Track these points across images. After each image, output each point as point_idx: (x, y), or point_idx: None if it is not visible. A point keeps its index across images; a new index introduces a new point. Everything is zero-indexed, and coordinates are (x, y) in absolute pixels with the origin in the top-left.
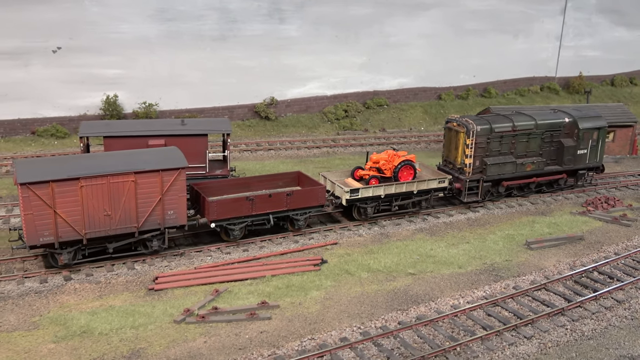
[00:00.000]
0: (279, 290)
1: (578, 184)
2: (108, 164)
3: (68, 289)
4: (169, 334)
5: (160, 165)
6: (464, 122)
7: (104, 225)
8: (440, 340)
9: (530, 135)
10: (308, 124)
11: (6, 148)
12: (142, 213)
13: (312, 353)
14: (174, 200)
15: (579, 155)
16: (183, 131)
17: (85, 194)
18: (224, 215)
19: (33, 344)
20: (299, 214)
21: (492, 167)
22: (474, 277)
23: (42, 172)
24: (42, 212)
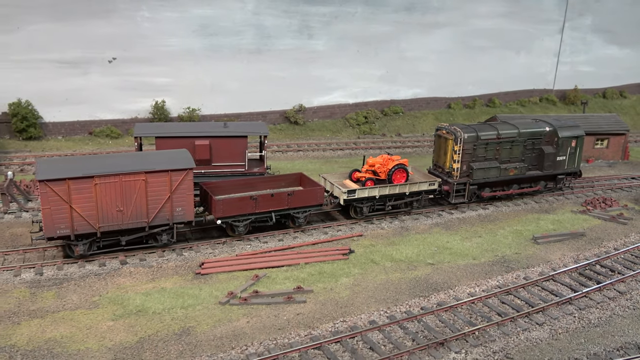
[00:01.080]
0: (312, 277)
1: (557, 187)
2: (121, 163)
3: (124, 272)
4: (215, 314)
5: (169, 166)
6: (452, 130)
7: (117, 220)
8: (460, 325)
9: (513, 142)
10: (332, 129)
11: (67, 146)
12: (152, 209)
13: (345, 334)
14: (182, 197)
15: (558, 162)
16: (225, 133)
17: (99, 191)
18: (230, 213)
19: (94, 321)
20: (299, 212)
21: (478, 171)
22: (487, 268)
23: (60, 171)
24: (59, 207)
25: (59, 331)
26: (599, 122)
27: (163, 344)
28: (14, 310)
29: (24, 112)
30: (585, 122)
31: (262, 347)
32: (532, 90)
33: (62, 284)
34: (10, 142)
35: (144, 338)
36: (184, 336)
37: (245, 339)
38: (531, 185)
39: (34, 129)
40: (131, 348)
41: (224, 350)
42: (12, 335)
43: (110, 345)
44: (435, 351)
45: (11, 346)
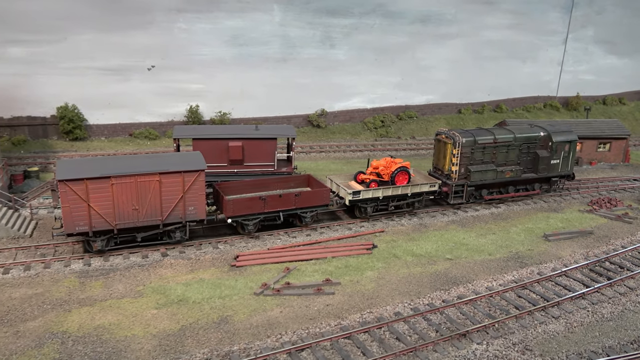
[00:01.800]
0: (339, 270)
1: (551, 188)
2: (136, 165)
3: (165, 263)
4: (250, 304)
5: (182, 168)
6: (451, 134)
7: (132, 218)
8: (480, 317)
9: (509, 146)
10: (351, 132)
11: (109, 147)
12: (166, 208)
13: (372, 325)
14: (194, 197)
15: (552, 165)
16: (257, 135)
17: (116, 191)
18: (240, 212)
19: (139, 309)
20: (306, 212)
21: (475, 173)
22: (502, 264)
23: (79, 171)
24: (78, 205)
25: (107, 318)
26: (602, 127)
27: (203, 332)
28: (65, 299)
29: (70, 115)
30: (589, 127)
31: (295, 336)
32: (536, 97)
33: (108, 274)
34: (58, 143)
35: (185, 326)
36: (223, 324)
37: (280, 328)
38: (527, 188)
39: (80, 130)
40: (174, 335)
41: (260, 338)
42: (63, 322)
43: (154, 332)
44: (458, 342)
45: (63, 332)
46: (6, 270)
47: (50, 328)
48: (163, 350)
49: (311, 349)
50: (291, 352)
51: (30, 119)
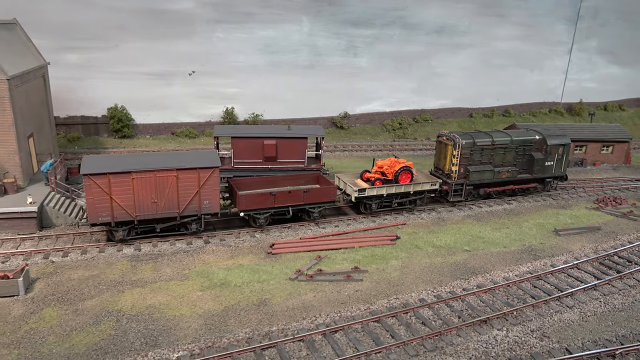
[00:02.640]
0: (365, 259)
1: (545, 189)
2: (156, 161)
3: (208, 249)
4: (286, 288)
5: (198, 164)
6: (451, 136)
7: (152, 210)
8: (499, 305)
9: (506, 148)
10: (371, 133)
11: (153, 144)
12: (183, 202)
13: (399, 310)
14: (209, 192)
15: (547, 166)
16: (289, 134)
17: (136, 185)
18: (251, 207)
19: (185, 291)
20: (314, 207)
21: (474, 173)
22: (517, 256)
23: (102, 166)
24: (101, 198)
25: (157, 299)
26: (605, 131)
27: (245, 313)
28: (119, 280)
29: (119, 115)
30: (593, 130)
31: (328, 319)
32: (542, 102)
33: (157, 258)
34: (108, 140)
35: (228, 307)
36: (262, 306)
37: (314, 311)
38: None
39: (127, 129)
40: (218, 315)
41: (297, 320)
42: (118, 301)
43: (200, 313)
44: (480, 328)
45: (118, 311)
46: (65, 253)
47: (106, 307)
48: (209, 329)
49: (344, 331)
50: (326, 334)
51: (83, 118)
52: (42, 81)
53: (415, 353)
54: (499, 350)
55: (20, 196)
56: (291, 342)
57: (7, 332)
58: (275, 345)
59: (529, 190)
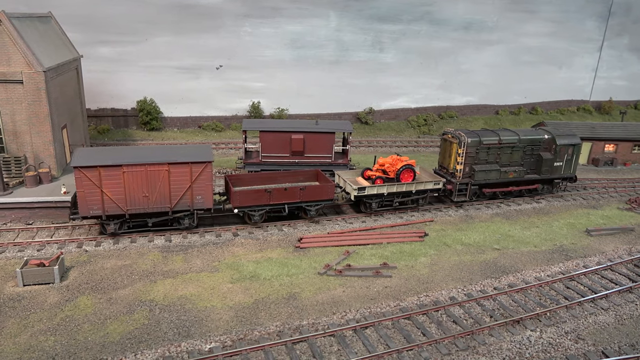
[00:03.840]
0: (394, 255)
1: (553, 190)
2: (147, 155)
3: (237, 242)
4: (315, 282)
5: (190, 159)
6: (457, 134)
7: (143, 204)
8: (532, 306)
9: (513, 148)
10: (396, 129)
11: (181, 137)
12: (175, 196)
13: (430, 307)
14: (201, 187)
15: (555, 167)
16: (317, 129)
17: (127, 178)
18: (246, 203)
19: (216, 283)
20: (311, 205)
21: (479, 173)
22: (548, 255)
23: (93, 159)
24: (92, 191)
25: (188, 290)
26: (637, 130)
27: (274, 306)
28: (151, 271)
29: (148, 108)
30: (624, 129)
31: (358, 314)
32: (570, 100)
33: (187, 250)
34: (137, 132)
35: (258, 300)
36: (291, 300)
37: (344, 306)
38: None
39: (156, 122)
40: (248, 308)
41: (327, 314)
42: (150, 291)
43: (231, 304)
44: (513, 328)
45: (150, 300)
46: (98, 243)
47: (139, 296)
48: (240, 321)
49: (374, 327)
50: (356, 329)
51: (113, 110)
52: (75, 74)
53: (448, 352)
54: (533, 351)
55: (55, 186)
56: (322, 337)
57: (44, 318)
58: (307, 340)
59: (537, 191)
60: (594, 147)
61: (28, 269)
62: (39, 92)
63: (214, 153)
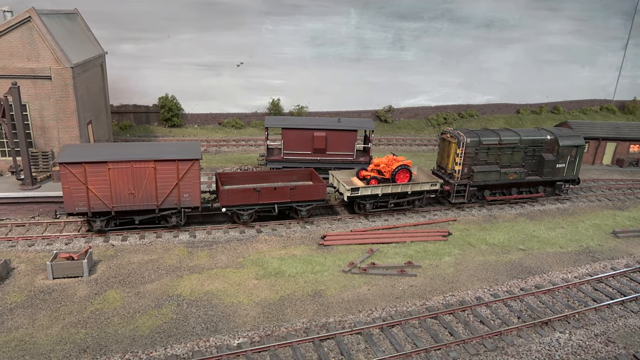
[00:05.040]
0: (418, 254)
1: (555, 192)
2: (133, 152)
3: (260, 239)
4: (340, 280)
5: (177, 156)
6: (455, 134)
7: (129, 202)
8: (560, 307)
9: (514, 148)
10: (416, 127)
11: (201, 134)
12: (161, 194)
13: (456, 307)
14: (189, 185)
15: (558, 169)
16: (339, 127)
17: (113, 175)
18: (234, 202)
19: (241, 279)
20: (302, 205)
21: (479, 174)
22: (574, 257)
23: (78, 155)
24: (77, 187)
25: (215, 285)
26: None
27: (300, 303)
28: (177, 266)
29: (169, 105)
30: None
31: (384, 313)
32: (593, 100)
33: (212, 245)
34: (158, 129)
35: (284, 296)
36: (317, 297)
37: (369, 305)
38: (530, 190)
39: (177, 118)
40: (275, 304)
41: (352, 312)
42: (177, 286)
43: (257, 301)
44: (541, 329)
45: (178, 295)
46: (124, 237)
47: (166, 291)
48: (266, 318)
49: (401, 326)
50: (383, 328)
51: (135, 107)
52: (100, 70)
53: (476, 352)
54: (562, 353)
55: None
56: (349, 335)
57: (74, 311)
58: (334, 337)
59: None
60: (618, 148)
61: (58, 262)
62: (66, 88)
63: (234, 150)
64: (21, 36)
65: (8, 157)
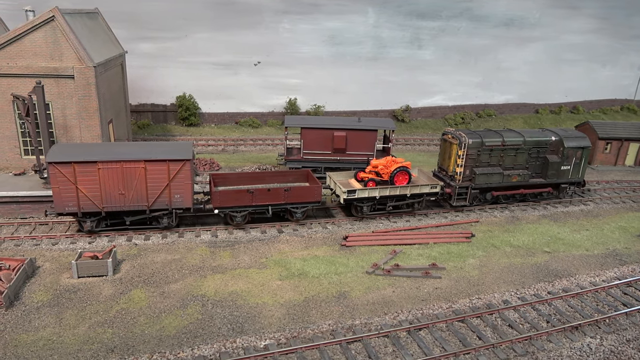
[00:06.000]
0: (442, 255)
1: (560, 196)
2: (124, 152)
3: (282, 239)
4: (364, 282)
5: (167, 156)
6: (457, 135)
7: (119, 202)
8: (589, 311)
9: (518, 150)
10: (433, 127)
11: (218, 133)
12: (152, 195)
13: (484, 310)
14: (180, 186)
15: (563, 171)
16: (359, 126)
17: (103, 175)
18: (227, 204)
19: (265, 279)
20: (297, 207)
21: (481, 176)
22: (601, 260)
23: (68, 155)
24: (67, 187)
25: (238, 286)
26: None
27: (325, 305)
28: (200, 265)
29: (187, 104)
30: None
31: (411, 315)
32: (614, 99)
33: (234, 245)
34: (175, 128)
35: (308, 298)
36: (342, 299)
37: (395, 307)
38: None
39: (194, 117)
40: (299, 305)
41: (378, 315)
42: (201, 286)
43: (282, 302)
44: (571, 334)
45: (202, 295)
46: (147, 237)
47: (190, 291)
48: (292, 319)
49: (428, 329)
50: (410, 331)
51: (153, 106)
52: (120, 69)
53: (506, 356)
54: (594, 359)
55: None
56: (376, 337)
57: (100, 311)
58: (361, 340)
59: (542, 196)
60: None
61: (83, 261)
62: (89, 87)
63: (251, 149)
64: (45, 35)
65: (31, 156)
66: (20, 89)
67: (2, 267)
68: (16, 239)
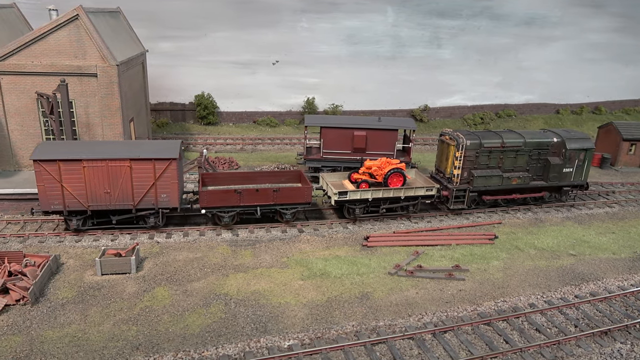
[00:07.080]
0: (465, 257)
1: (562, 199)
2: (109, 150)
3: (303, 238)
4: (387, 283)
5: (153, 155)
6: (455, 136)
7: (105, 201)
8: (619, 316)
9: (518, 152)
10: (451, 127)
11: (236, 132)
12: (138, 194)
13: (510, 314)
14: (166, 185)
15: (564, 173)
16: (380, 126)
17: (88, 174)
18: (214, 204)
19: (287, 279)
20: (286, 208)
21: (479, 179)
22: (629, 264)
23: (53, 153)
24: (52, 185)
25: (261, 285)
26: None
27: (348, 305)
28: (222, 264)
29: (205, 103)
30: None
31: (435, 318)
32: (637, 100)
33: (254, 245)
34: (194, 127)
35: (331, 298)
36: (365, 300)
37: (419, 309)
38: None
39: (213, 116)
40: (322, 306)
41: (402, 316)
42: (224, 285)
43: (304, 302)
44: (601, 339)
45: (225, 294)
46: (168, 235)
47: (213, 290)
48: (315, 319)
49: (454, 332)
50: (435, 333)
51: (172, 104)
52: (141, 68)
53: None
54: None
55: None
56: (401, 339)
57: (124, 308)
58: (386, 341)
59: (543, 199)
60: None
61: (106, 259)
62: (111, 86)
63: (270, 148)
64: (69, 34)
65: None
66: (44, 87)
67: (28, 263)
68: (40, 236)
